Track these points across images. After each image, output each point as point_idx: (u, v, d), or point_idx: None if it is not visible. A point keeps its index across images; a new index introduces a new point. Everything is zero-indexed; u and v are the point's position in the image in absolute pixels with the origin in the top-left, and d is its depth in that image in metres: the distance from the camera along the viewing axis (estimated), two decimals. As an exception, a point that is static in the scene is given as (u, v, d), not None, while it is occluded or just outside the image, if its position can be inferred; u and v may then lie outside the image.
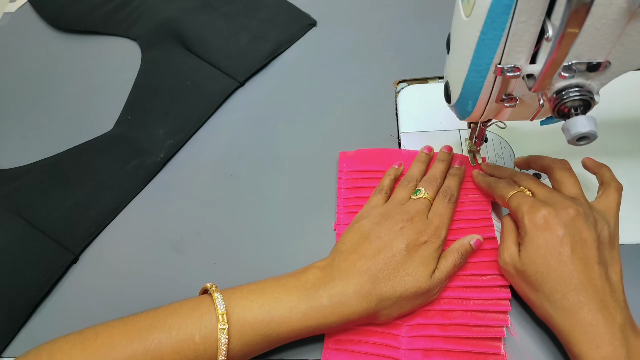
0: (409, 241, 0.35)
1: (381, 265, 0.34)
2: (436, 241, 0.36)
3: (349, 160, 0.46)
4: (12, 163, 0.51)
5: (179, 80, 0.55)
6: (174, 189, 0.48)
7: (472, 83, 0.32)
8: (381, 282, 0.33)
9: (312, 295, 0.33)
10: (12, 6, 0.68)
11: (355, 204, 0.43)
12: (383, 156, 0.46)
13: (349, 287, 0.33)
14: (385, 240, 0.35)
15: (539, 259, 0.33)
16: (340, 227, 0.43)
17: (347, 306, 0.33)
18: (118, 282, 0.43)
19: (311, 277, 0.34)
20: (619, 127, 0.44)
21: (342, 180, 0.45)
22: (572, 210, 0.33)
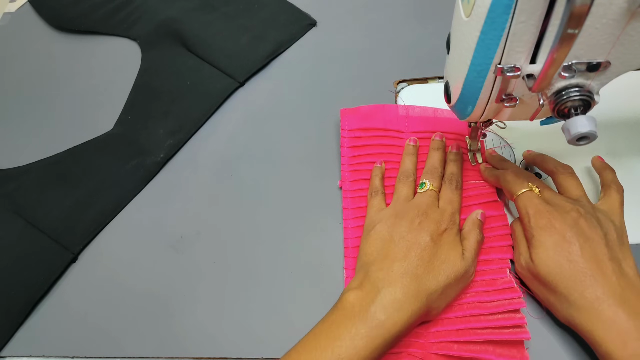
0: (431, 232, 0.35)
1: (416, 262, 0.34)
2: (454, 227, 0.37)
3: (351, 118, 0.47)
4: (12, 163, 0.51)
5: (179, 80, 0.55)
6: (174, 189, 0.48)
7: (472, 83, 0.32)
8: (423, 277, 0.34)
9: (365, 316, 0.32)
10: (12, 6, 0.67)
11: (359, 162, 0.44)
12: (385, 112, 0.47)
13: (398, 293, 0.33)
14: (410, 238, 0.35)
15: (549, 260, 0.33)
16: (345, 184, 0.44)
17: (402, 311, 0.32)
18: (117, 281, 0.43)
19: (354, 300, 0.33)
20: (619, 127, 0.44)
21: (345, 139, 0.46)
22: (574, 212, 0.34)
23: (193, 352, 0.38)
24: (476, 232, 0.37)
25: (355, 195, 0.43)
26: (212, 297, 0.41)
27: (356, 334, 0.31)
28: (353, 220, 0.42)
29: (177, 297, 0.41)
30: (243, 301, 0.40)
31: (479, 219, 0.38)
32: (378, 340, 0.31)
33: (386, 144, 0.45)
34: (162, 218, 0.46)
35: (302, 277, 0.41)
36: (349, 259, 0.41)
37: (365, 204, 0.42)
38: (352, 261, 0.40)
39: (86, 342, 0.40)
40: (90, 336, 0.40)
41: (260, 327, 0.39)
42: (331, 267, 0.41)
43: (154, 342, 0.39)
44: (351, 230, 0.42)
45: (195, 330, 0.39)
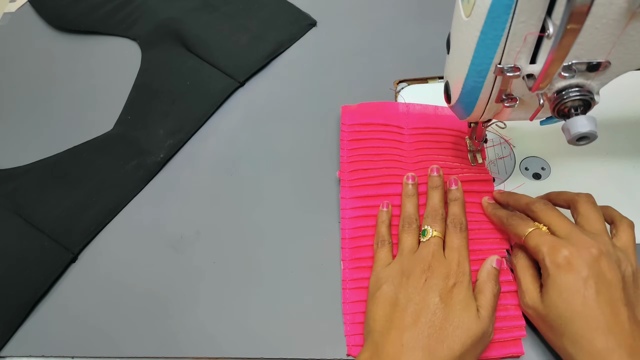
0: (440, 291, 0.33)
1: (427, 330, 0.31)
2: (464, 278, 0.34)
3: (351, 114, 0.48)
4: (12, 163, 0.51)
5: (179, 80, 0.55)
6: (174, 189, 0.48)
7: (472, 83, 0.32)
8: (436, 349, 0.31)
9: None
10: (12, 6, 0.67)
11: (359, 153, 0.45)
12: (385, 109, 0.47)
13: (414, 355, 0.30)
14: (418, 301, 0.32)
15: (562, 303, 0.31)
16: (344, 174, 0.44)
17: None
18: (117, 281, 0.43)
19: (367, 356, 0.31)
20: (619, 127, 0.44)
21: (345, 132, 0.47)
22: (595, 250, 0.31)
23: (193, 352, 0.38)
24: (492, 285, 0.34)
25: (353, 185, 0.43)
26: (212, 297, 0.41)
27: None
28: (351, 210, 0.42)
29: (177, 297, 0.41)
30: (243, 301, 0.40)
31: (494, 268, 0.36)
32: None
33: (386, 139, 0.46)
34: (162, 218, 0.46)
35: (302, 277, 0.41)
36: (345, 250, 0.41)
37: (363, 193, 0.42)
38: (349, 252, 0.40)
39: (86, 342, 0.40)
40: (90, 336, 0.40)
41: (260, 327, 0.39)
42: (331, 267, 0.41)
43: (154, 342, 0.39)
44: (348, 220, 0.42)
45: (195, 330, 0.39)
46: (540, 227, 0.34)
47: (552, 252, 0.32)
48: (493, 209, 0.39)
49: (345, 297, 0.39)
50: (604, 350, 0.29)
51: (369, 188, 0.43)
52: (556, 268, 0.32)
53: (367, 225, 0.41)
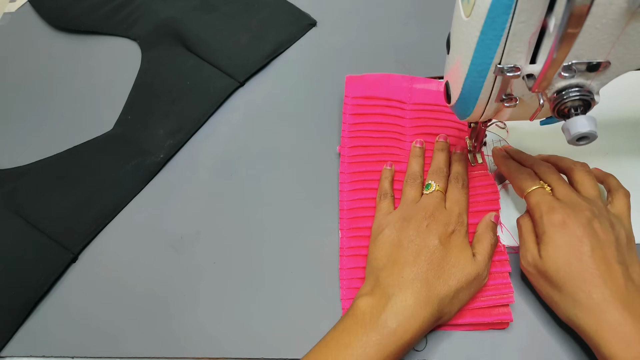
0: (439, 235, 0.35)
1: (426, 266, 0.34)
2: (462, 228, 0.37)
3: (355, 85, 0.48)
4: (12, 163, 0.51)
5: (179, 80, 0.55)
6: (174, 189, 0.48)
7: (472, 83, 0.32)
8: (434, 282, 0.33)
9: (376, 323, 0.32)
10: (12, 6, 0.67)
11: (359, 129, 0.46)
12: (389, 82, 0.48)
13: (408, 299, 0.32)
14: (418, 242, 0.35)
15: (560, 257, 0.33)
16: (344, 149, 0.45)
17: (414, 318, 0.32)
18: (117, 281, 0.43)
19: (365, 307, 0.33)
20: (619, 127, 0.44)
21: (348, 106, 0.47)
22: (589, 212, 0.33)
23: (193, 352, 0.38)
24: (490, 235, 0.37)
25: (353, 161, 0.45)
26: (212, 297, 0.41)
27: (367, 342, 0.31)
28: (349, 184, 0.44)
29: (177, 297, 0.41)
30: (243, 301, 0.40)
31: (492, 222, 0.38)
32: (390, 347, 0.31)
33: (387, 114, 0.47)
34: (162, 218, 0.46)
35: (302, 277, 0.41)
36: (343, 220, 0.42)
37: (362, 169, 0.44)
38: (347, 222, 0.42)
39: (86, 342, 0.40)
40: (90, 336, 0.40)
41: (260, 327, 0.39)
42: (331, 267, 0.41)
43: (154, 342, 0.39)
44: (346, 193, 0.43)
45: (195, 330, 0.39)
46: (544, 186, 0.36)
47: (550, 212, 0.34)
48: (504, 158, 0.41)
49: (342, 263, 0.40)
50: (601, 301, 0.30)
51: (367, 164, 0.44)
52: (552, 226, 0.33)
53: (365, 198, 0.43)
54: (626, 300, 0.30)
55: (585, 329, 0.31)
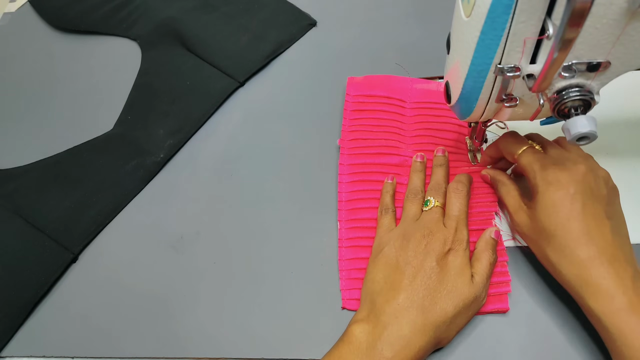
0: (437, 255, 0.34)
1: (422, 292, 0.33)
2: (460, 245, 0.35)
3: (357, 85, 0.49)
4: (12, 163, 0.51)
5: (179, 80, 0.55)
6: (174, 189, 0.48)
7: (472, 83, 0.32)
8: (430, 310, 0.33)
9: (372, 353, 0.31)
10: (12, 6, 0.67)
11: (360, 123, 0.47)
12: (390, 82, 0.49)
13: (404, 329, 0.32)
14: (416, 264, 0.34)
15: (549, 216, 0.33)
16: (344, 142, 0.46)
17: (409, 348, 0.32)
18: (117, 281, 0.43)
19: (360, 335, 0.32)
20: (619, 127, 0.44)
21: (349, 103, 0.49)
22: (583, 166, 0.34)
23: (193, 352, 0.38)
24: (489, 254, 0.36)
25: (352, 153, 0.45)
26: (212, 297, 0.41)
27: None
28: (348, 175, 0.44)
29: (177, 297, 0.41)
30: (243, 301, 0.40)
31: (492, 238, 0.37)
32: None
33: (387, 111, 0.47)
34: (162, 218, 0.46)
35: (303, 277, 0.41)
36: (342, 211, 0.43)
37: (361, 161, 0.45)
38: (345, 214, 0.43)
39: (86, 342, 0.40)
40: (90, 336, 0.40)
41: (261, 327, 0.39)
42: (331, 268, 0.41)
43: (154, 342, 0.39)
44: (345, 185, 0.44)
45: (196, 330, 0.39)
46: (534, 145, 0.36)
47: (543, 170, 0.34)
48: (490, 146, 0.41)
49: (341, 254, 0.41)
50: (586, 259, 0.31)
51: (366, 157, 0.45)
52: (546, 185, 0.33)
53: (363, 190, 0.43)
54: (612, 255, 0.31)
55: (571, 283, 0.32)
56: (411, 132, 0.46)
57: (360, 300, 0.37)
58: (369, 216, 0.42)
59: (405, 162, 0.44)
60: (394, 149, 0.45)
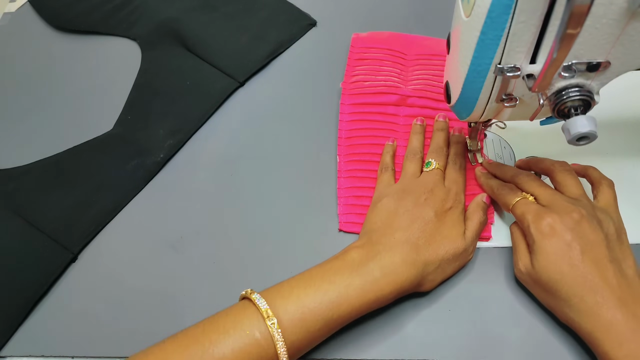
0: (436, 209, 0.37)
1: (418, 233, 0.35)
2: (459, 205, 0.38)
3: (361, 40, 0.53)
4: (12, 163, 0.51)
5: (179, 80, 0.55)
6: (174, 189, 0.48)
7: (472, 83, 0.32)
8: (423, 248, 0.35)
9: (363, 270, 0.33)
10: (12, 6, 0.67)
11: (362, 69, 0.50)
12: (393, 37, 0.52)
13: (396, 257, 0.34)
14: (414, 212, 0.37)
15: (550, 266, 0.33)
16: (346, 84, 0.50)
17: (398, 275, 0.34)
18: (117, 281, 0.43)
19: (355, 256, 0.35)
20: (619, 127, 0.44)
21: (353, 53, 0.52)
22: (576, 214, 0.33)
23: (193, 352, 0.38)
24: (479, 214, 0.39)
25: (353, 93, 0.49)
26: (212, 297, 0.41)
27: (350, 284, 0.33)
28: (348, 115, 0.48)
29: (177, 297, 0.41)
30: (243, 301, 0.40)
31: (483, 202, 0.40)
32: (369, 295, 0.33)
33: (388, 60, 0.51)
34: (162, 218, 0.46)
35: (302, 277, 0.41)
36: (342, 146, 0.46)
37: (360, 100, 0.48)
38: (345, 148, 0.46)
39: (86, 342, 0.40)
40: (90, 336, 0.40)
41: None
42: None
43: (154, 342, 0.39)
44: (345, 123, 0.48)
45: (195, 330, 0.39)
46: (526, 197, 0.37)
47: (537, 220, 0.34)
48: (485, 179, 0.41)
49: (340, 184, 0.44)
50: (594, 305, 0.31)
51: (366, 96, 0.48)
52: (541, 235, 0.33)
53: (362, 128, 0.47)
54: (619, 299, 0.31)
55: (581, 331, 0.32)
56: (410, 75, 0.49)
57: (357, 226, 0.41)
58: (367, 151, 0.45)
59: (403, 101, 0.47)
60: (393, 88, 0.48)
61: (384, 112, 0.47)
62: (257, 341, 0.30)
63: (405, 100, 0.47)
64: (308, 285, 0.33)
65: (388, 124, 0.47)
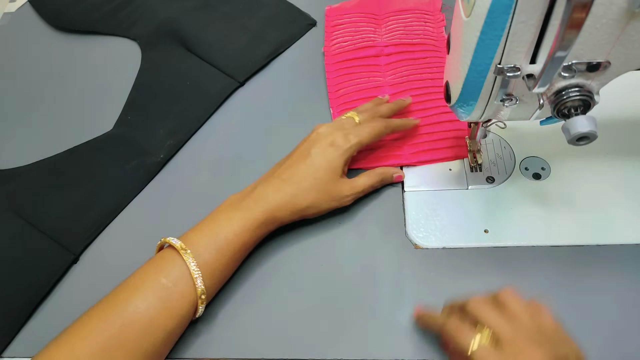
0: (316, 144, 0.42)
1: (289, 170, 0.41)
2: (346, 143, 0.41)
3: (334, 10, 0.58)
4: (12, 163, 0.51)
5: (179, 80, 0.55)
6: (174, 189, 0.48)
7: (472, 83, 0.32)
8: (289, 179, 0.40)
9: (239, 205, 0.39)
10: (12, 6, 0.68)
11: (339, 33, 0.55)
12: (363, 3, 0.57)
13: (267, 188, 0.40)
14: (303, 148, 0.43)
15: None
16: (327, 48, 0.54)
17: (268, 202, 0.39)
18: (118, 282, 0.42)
19: (233, 198, 0.40)
20: (619, 127, 0.44)
21: (328, 21, 0.57)
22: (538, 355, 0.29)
23: (193, 353, 0.38)
24: (376, 179, 0.43)
25: (335, 53, 0.54)
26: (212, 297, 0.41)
27: (232, 218, 0.38)
28: (334, 72, 0.52)
29: (178, 297, 0.41)
30: (243, 301, 0.40)
31: (392, 176, 0.44)
32: (249, 223, 0.38)
33: (361, 22, 0.55)
34: (162, 218, 0.46)
35: (302, 277, 0.41)
36: (332, 100, 0.51)
37: (343, 58, 0.53)
38: (335, 101, 0.50)
39: (87, 342, 0.40)
40: (91, 336, 0.40)
41: (260, 327, 0.39)
42: (331, 268, 0.41)
43: (155, 342, 0.39)
44: (332, 79, 0.52)
45: (195, 330, 0.39)
46: (483, 334, 0.30)
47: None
48: (427, 318, 0.36)
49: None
50: None
51: (347, 54, 0.53)
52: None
53: (348, 81, 0.51)
54: None
55: None
56: (384, 30, 0.54)
57: None
58: (355, 98, 0.50)
59: (381, 51, 0.52)
60: (370, 42, 0.53)
61: (365, 64, 0.52)
62: (164, 285, 0.35)
63: (383, 50, 0.52)
64: (200, 230, 0.38)
65: (372, 73, 0.51)
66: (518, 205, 0.41)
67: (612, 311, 0.36)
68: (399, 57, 0.52)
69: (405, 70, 0.51)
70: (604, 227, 0.39)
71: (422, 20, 0.54)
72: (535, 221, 0.40)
